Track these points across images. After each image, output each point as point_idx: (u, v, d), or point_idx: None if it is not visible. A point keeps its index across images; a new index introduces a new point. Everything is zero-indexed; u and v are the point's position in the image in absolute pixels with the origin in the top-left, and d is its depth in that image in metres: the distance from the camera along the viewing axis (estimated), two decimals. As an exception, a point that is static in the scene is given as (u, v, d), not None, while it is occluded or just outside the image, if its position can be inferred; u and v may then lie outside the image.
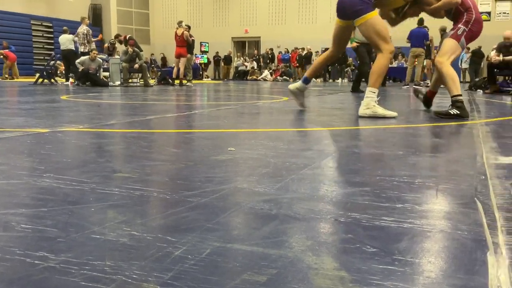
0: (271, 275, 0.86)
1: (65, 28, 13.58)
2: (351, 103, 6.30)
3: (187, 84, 13.26)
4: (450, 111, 3.95)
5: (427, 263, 0.93)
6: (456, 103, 3.94)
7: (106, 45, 14.25)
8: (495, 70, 9.47)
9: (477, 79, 12.22)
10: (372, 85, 4.06)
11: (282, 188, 1.51)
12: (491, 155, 2.12)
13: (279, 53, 23.16)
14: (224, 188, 1.50)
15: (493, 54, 9.80)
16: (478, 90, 10.18)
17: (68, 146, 2.46)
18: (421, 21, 12.12)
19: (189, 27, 14.03)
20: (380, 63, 4.09)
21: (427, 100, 4.87)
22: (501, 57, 9.16)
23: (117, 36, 13.98)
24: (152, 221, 1.18)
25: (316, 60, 4.99)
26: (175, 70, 13.26)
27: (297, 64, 21.61)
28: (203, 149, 2.39)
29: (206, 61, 23.50)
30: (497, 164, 1.93)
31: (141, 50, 13.26)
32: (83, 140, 2.66)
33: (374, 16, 4.02)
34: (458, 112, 3.90)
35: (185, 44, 12.98)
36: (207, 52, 23.71)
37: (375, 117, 3.92)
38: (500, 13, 19.80)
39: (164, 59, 23.89)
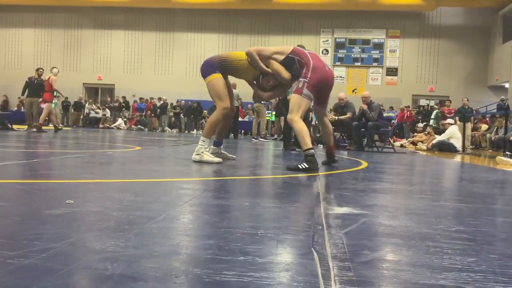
0: None
1: None
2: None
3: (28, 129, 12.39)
4: (299, 165, 4.13)
5: (264, 320, 0.92)
6: (307, 157, 4.15)
7: None
8: (332, 127, 10.41)
9: (318, 135, 13.25)
10: (204, 135, 4.63)
11: (122, 244, 1.41)
12: (328, 206, 2.25)
13: (134, 102, 22.79)
14: (54, 247, 1.35)
15: (330, 114, 10.80)
16: (319, 144, 11.01)
17: None
18: None
19: (38, 71, 13.24)
20: (214, 116, 4.68)
21: (330, 156, 4.89)
22: (336, 117, 10.13)
23: None
24: (-44, 290, 1.01)
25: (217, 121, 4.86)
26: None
27: (152, 114, 21.48)
28: (36, 202, 2.18)
29: (54, 106, 22.31)
30: (333, 214, 2.05)
31: None
32: None
33: (215, 78, 4.58)
34: (307, 166, 4.08)
35: (50, 88, 12.58)
36: (56, 97, 22.54)
37: (220, 167, 4.08)
38: (337, 77, 22.00)
39: (5, 102, 22.04)
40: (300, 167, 4.09)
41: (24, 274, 1.10)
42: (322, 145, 10.71)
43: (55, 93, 12.80)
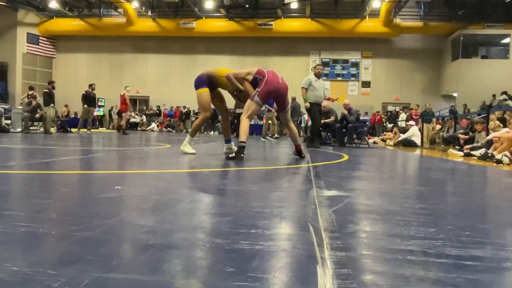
0: (143, 300, 0.77)
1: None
2: (221, 150, 6.33)
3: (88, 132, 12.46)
4: (230, 154, 4.20)
5: (273, 278, 0.92)
6: (238, 147, 4.13)
7: (31, 92, 12.66)
8: (320, 128, 10.40)
9: (309, 135, 13.18)
10: (190, 134, 4.81)
11: (160, 220, 1.42)
12: (319, 190, 2.25)
13: (164, 109, 22.79)
14: (107, 222, 1.35)
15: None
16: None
17: (-41, 187, 2.07)
18: None
19: (91, 86, 13.20)
20: (197, 121, 5.01)
21: (298, 152, 4.75)
22: (322, 121, 10.10)
23: (50, 83, 12.52)
24: (33, 256, 1.01)
25: (223, 124, 5.26)
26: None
27: (179, 119, 21.50)
28: (92, 188, 2.18)
29: (102, 113, 22.39)
30: (324, 196, 2.04)
31: (52, 104, 12.01)
32: (-24, 181, 2.27)
33: (202, 92, 4.61)
34: (234, 155, 4.10)
35: (125, 102, 12.79)
36: (104, 106, 22.56)
37: (230, 159, 4.10)
38: (326, 88, 21.92)
39: (67, 111, 22.12)
40: (230, 156, 4.13)
41: (86, 244, 1.11)
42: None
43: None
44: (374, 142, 12.80)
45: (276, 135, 14.53)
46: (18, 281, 0.84)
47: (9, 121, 11.71)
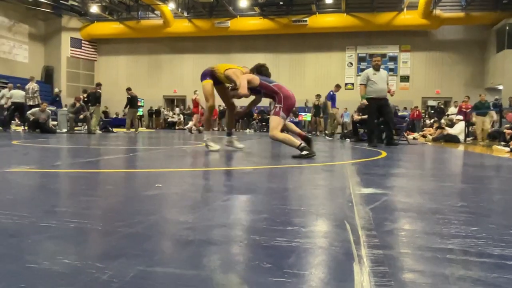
0: (185, 293, 0.81)
1: (18, 85, 12.69)
2: (258, 147, 6.37)
3: (136, 132, 12.95)
4: (300, 154, 4.12)
5: (309, 274, 0.93)
6: (301, 149, 4.13)
7: (82, 96, 13.30)
8: (357, 125, 10.22)
9: (345, 131, 13.00)
10: (205, 130, 5.19)
11: (199, 217, 1.46)
12: (356, 187, 2.23)
13: (201, 108, 23.14)
14: (150, 219, 1.41)
15: (355, 114, 10.55)
16: (347, 139, 10.83)
17: (13, 185, 2.22)
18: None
19: (129, 89, 13.66)
20: (204, 116, 5.35)
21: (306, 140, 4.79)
22: (360, 116, 9.92)
23: (98, 84, 13.16)
24: (83, 250, 1.08)
25: (228, 117, 5.60)
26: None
27: (217, 118, 21.86)
28: (134, 186, 2.27)
29: (141, 113, 23.10)
30: (360, 194, 2.02)
31: (98, 104, 12.58)
32: (28, 179, 2.42)
33: (205, 83, 4.87)
34: (306, 152, 4.10)
35: (197, 105, 14.01)
36: (143, 106, 23.27)
37: (250, 156, 4.10)
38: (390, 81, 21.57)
39: (105, 112, 22.94)
40: (302, 154, 4.09)
41: (130, 239, 1.16)
42: (349, 139, 10.53)
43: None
44: (414, 138, 12.43)
45: (312, 132, 14.47)
46: (69, 272, 0.90)
47: (55, 122, 12.32)
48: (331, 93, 12.09)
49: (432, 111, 18.57)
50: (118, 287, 0.82)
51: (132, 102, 13.34)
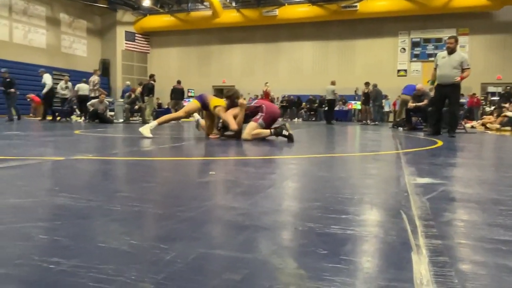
0: (245, 275, 0.84)
1: (84, 79, 13.50)
2: (308, 136, 6.34)
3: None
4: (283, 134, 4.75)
5: (366, 262, 0.93)
6: (277, 134, 4.79)
7: (139, 88, 13.90)
8: (411, 113, 9.81)
9: (398, 119, 12.50)
10: (157, 120, 5.57)
11: (253, 204, 1.50)
12: (411, 177, 2.16)
13: (250, 98, 23.42)
14: (206, 204, 1.47)
15: (410, 101, 10.08)
16: (399, 127, 10.45)
17: (79, 171, 2.39)
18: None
19: (179, 81, 14.06)
20: (172, 114, 6.12)
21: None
22: (414, 104, 9.51)
23: (151, 76, 13.73)
24: (147, 232, 1.15)
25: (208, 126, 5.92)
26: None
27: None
28: (189, 173, 2.36)
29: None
30: (416, 183, 1.97)
31: (151, 95, 13.06)
32: (92, 166, 2.59)
33: (192, 102, 5.52)
34: (285, 134, 4.72)
35: (267, 96, 14.26)
36: (193, 97, 23.87)
37: (301, 148, 4.01)
38: (414, 70, 20.61)
39: (159, 104, 23.77)
40: (285, 135, 4.72)
41: (189, 223, 1.22)
42: (402, 128, 10.18)
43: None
44: (472, 127, 11.77)
45: (363, 121, 14.18)
46: (136, 252, 0.96)
47: (112, 113, 12.96)
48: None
49: (499, 98, 17.26)
50: (181, 267, 0.87)
51: (176, 93, 13.74)
